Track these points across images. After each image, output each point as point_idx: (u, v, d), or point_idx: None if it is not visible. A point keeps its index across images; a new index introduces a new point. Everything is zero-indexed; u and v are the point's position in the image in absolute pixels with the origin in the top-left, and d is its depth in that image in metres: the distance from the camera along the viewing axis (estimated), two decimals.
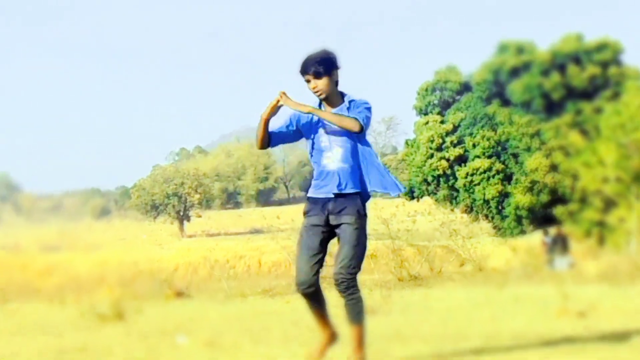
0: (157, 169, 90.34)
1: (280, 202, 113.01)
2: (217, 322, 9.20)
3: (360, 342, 5.44)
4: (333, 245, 5.57)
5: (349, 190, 5.45)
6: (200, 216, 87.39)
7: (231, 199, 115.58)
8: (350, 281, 5.35)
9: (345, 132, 5.43)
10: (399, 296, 12.00)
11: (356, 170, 5.48)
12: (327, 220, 5.45)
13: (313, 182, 5.59)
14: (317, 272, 5.44)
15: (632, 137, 29.09)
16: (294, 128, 5.64)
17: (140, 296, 13.79)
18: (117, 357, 6.38)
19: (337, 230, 5.45)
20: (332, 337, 5.65)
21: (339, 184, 5.44)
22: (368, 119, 5.42)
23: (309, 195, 5.61)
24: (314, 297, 5.49)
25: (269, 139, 5.60)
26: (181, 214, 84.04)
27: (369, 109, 5.46)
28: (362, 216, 5.44)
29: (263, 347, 6.81)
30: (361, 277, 6.51)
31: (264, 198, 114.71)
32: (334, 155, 5.48)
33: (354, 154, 5.48)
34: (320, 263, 5.45)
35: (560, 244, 26.61)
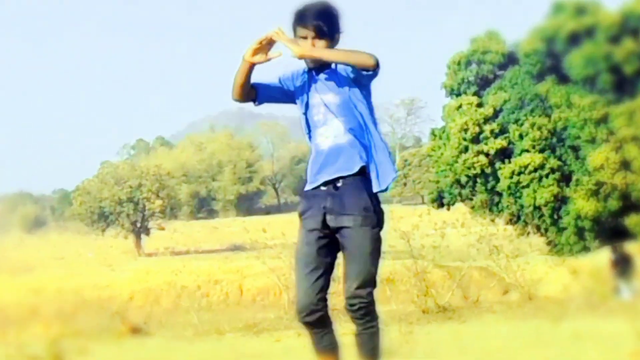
0: (107, 166, 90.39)
1: (268, 210, 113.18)
2: None
3: None
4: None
5: (346, 173, 5.30)
6: (163, 228, 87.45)
7: (204, 206, 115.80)
8: (368, 304, 5.28)
9: (347, 100, 5.32)
10: (423, 333, 12.03)
11: (360, 148, 5.33)
12: (324, 221, 5.31)
13: (308, 171, 5.46)
14: (321, 292, 5.28)
15: None
16: (282, 87, 5.53)
17: (84, 333, 13.82)
18: None
19: (337, 236, 5.30)
20: None
21: (334, 168, 5.31)
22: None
23: (305, 189, 5.45)
24: (319, 327, 5.35)
25: (249, 88, 5.45)
26: (138, 225, 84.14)
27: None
28: (371, 212, 5.29)
29: None
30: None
31: (247, 205, 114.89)
32: (329, 130, 5.36)
33: (359, 126, 5.35)
34: (323, 280, 5.30)
35: (626, 265, 26.80)
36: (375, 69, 5.19)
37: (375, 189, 5.30)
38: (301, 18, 5.33)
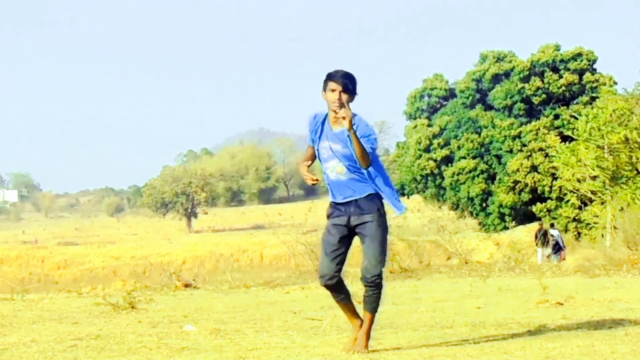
0: (167, 169, 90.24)
1: (281, 200, 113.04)
2: (222, 312, 9.17)
3: (370, 328, 5.57)
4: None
5: (362, 195, 5.46)
6: (206, 213, 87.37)
7: (235, 197, 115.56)
8: (377, 277, 5.45)
9: (351, 154, 5.42)
10: (390, 287, 11.96)
11: (360, 177, 5.47)
12: (348, 220, 5.47)
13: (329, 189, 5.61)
14: (338, 266, 5.48)
15: (607, 139, 29.12)
16: (314, 141, 5.66)
17: (151, 287, 13.76)
18: (129, 344, 6.35)
19: (358, 230, 5.46)
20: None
21: (352, 192, 5.46)
22: (374, 150, 5.43)
23: (331, 200, 5.61)
24: (336, 289, 5.54)
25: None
26: (189, 211, 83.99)
27: (374, 140, 5.44)
28: (382, 214, 5.48)
29: (265, 335, 6.78)
30: (353, 270, 6.53)
31: (266, 196, 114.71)
32: (332, 165, 5.50)
33: (353, 164, 5.45)
34: (341, 258, 5.49)
35: (544, 238, 26.66)
36: (366, 168, 5.42)
37: (398, 212, 5.57)
38: (333, 76, 5.46)
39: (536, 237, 27.10)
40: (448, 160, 51.69)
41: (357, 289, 5.76)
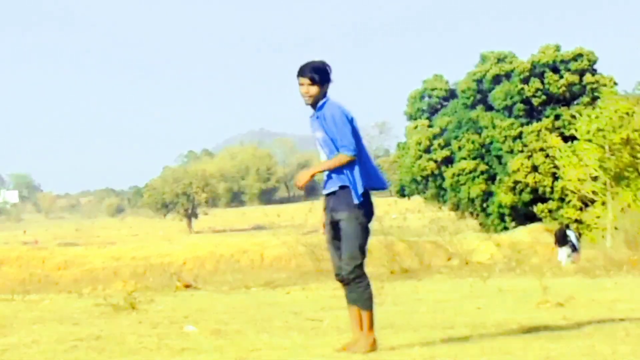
0: (167, 170, 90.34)
1: (281, 201, 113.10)
2: (222, 312, 9.17)
3: (370, 326, 5.52)
4: None
5: (333, 188, 5.50)
6: (207, 214, 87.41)
7: (235, 198, 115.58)
8: (349, 273, 5.44)
9: (328, 138, 5.46)
10: (391, 288, 11.97)
11: (336, 175, 5.47)
12: (331, 217, 5.54)
13: None
14: None
15: (609, 140, 29.12)
16: None
17: (151, 288, 13.76)
18: (129, 345, 6.35)
19: (339, 225, 5.50)
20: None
21: (326, 184, 5.56)
22: (348, 134, 5.38)
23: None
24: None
25: None
26: (189, 211, 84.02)
27: (343, 122, 5.42)
28: (353, 208, 5.42)
29: (265, 335, 6.78)
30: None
31: (266, 197, 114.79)
32: (322, 157, 5.59)
33: (332, 151, 5.47)
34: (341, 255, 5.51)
35: (563, 238, 26.40)
36: (356, 156, 5.41)
37: (355, 201, 5.44)
38: (300, 72, 5.53)
39: (556, 236, 26.86)
40: (448, 160, 51.68)
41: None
